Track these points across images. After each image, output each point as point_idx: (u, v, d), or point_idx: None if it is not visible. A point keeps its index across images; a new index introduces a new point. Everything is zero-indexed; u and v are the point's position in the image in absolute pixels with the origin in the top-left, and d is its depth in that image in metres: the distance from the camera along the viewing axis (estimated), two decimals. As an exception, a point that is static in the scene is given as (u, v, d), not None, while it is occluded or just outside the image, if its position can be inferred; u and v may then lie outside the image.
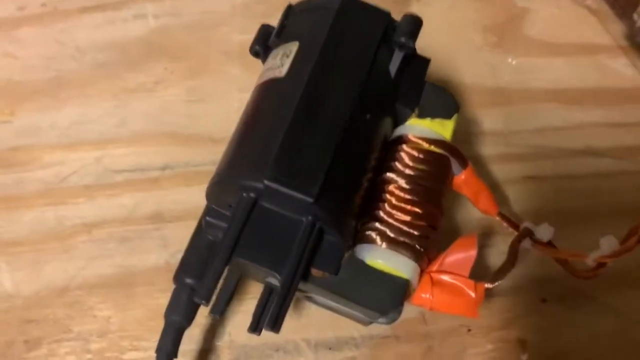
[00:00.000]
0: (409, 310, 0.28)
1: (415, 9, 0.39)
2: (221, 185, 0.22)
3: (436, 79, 0.27)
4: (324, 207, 0.21)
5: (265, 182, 0.20)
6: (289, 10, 0.26)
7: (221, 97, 0.35)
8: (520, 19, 0.39)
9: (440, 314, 0.28)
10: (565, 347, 0.28)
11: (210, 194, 0.23)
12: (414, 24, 0.24)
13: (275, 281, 0.21)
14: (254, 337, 0.28)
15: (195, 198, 0.30)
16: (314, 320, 0.28)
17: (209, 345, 0.27)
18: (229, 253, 0.21)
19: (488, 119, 0.35)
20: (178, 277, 0.24)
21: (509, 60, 0.38)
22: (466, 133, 0.35)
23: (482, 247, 0.30)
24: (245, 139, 0.23)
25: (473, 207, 0.28)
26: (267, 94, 0.24)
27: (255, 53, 0.26)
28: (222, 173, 0.22)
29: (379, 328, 0.27)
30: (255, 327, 0.21)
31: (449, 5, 0.39)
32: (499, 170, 0.33)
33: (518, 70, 0.37)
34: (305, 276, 0.22)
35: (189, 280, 0.24)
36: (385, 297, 0.22)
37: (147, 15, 0.38)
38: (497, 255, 0.30)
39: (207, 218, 0.23)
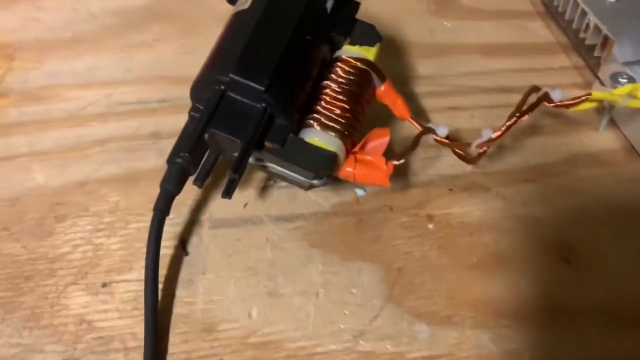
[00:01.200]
0: (346, 193, 0.36)
1: None
2: (200, 83, 0.31)
3: (385, 38, 0.35)
4: (273, 96, 0.30)
5: (231, 75, 0.29)
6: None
7: (208, 50, 0.43)
8: None
9: (369, 198, 0.37)
10: (463, 220, 0.36)
11: (193, 92, 0.31)
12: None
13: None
14: (228, 213, 0.36)
15: (185, 122, 0.38)
16: (275, 200, 0.36)
17: (194, 218, 0.35)
18: (204, 124, 0.29)
19: (422, 66, 0.44)
20: (169, 158, 0.33)
21: (445, 23, 0.47)
22: (403, 77, 0.43)
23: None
24: (218, 51, 0.32)
25: (399, 124, 0.37)
26: (235, 21, 0.32)
27: (231, 1, 0.35)
28: (200, 73, 0.31)
29: (322, 206, 0.36)
30: (226, 192, 0.30)
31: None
32: (427, 103, 0.40)
33: (451, 31, 0.46)
34: (260, 145, 0.30)
35: (178, 160, 0.32)
36: (317, 162, 0.31)
37: None
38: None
39: (191, 112, 0.32)
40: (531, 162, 0.37)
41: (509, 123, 0.32)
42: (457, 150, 0.34)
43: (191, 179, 0.30)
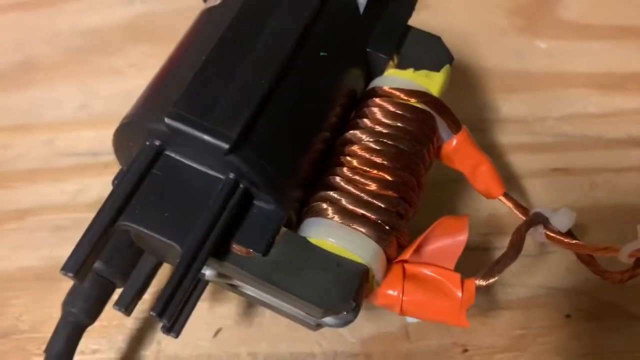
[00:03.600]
0: (387, 321, 0.23)
1: None
2: (125, 131, 0.17)
3: (454, 63, 0.23)
4: (249, 160, 0.16)
5: (166, 120, 0.15)
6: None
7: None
8: (553, 1, 0.36)
9: (427, 329, 0.22)
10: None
11: (118, 146, 0.18)
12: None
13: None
14: (186, 347, 0.23)
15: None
16: (267, 331, 0.22)
17: (134, 354, 0.22)
18: (112, 215, 0.15)
19: (508, 105, 0.32)
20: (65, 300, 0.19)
21: (538, 43, 0.34)
22: (479, 120, 0.31)
23: (488, 249, 0.24)
24: (162, 77, 0.18)
25: (478, 197, 0.22)
26: (195, 27, 0.19)
27: (205, -2, 0.22)
28: (127, 116, 0.17)
29: (345, 341, 0.21)
30: (159, 310, 0.15)
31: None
32: (520, 161, 0.29)
33: (548, 54, 0.34)
34: (220, 252, 0.16)
35: (72, 309, 0.18)
36: (332, 288, 0.16)
37: (134, 1, 0.37)
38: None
39: (114, 181, 0.18)
40: None
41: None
42: (589, 259, 0.18)
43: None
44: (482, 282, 0.18)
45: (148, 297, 0.23)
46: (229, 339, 0.22)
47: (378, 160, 0.18)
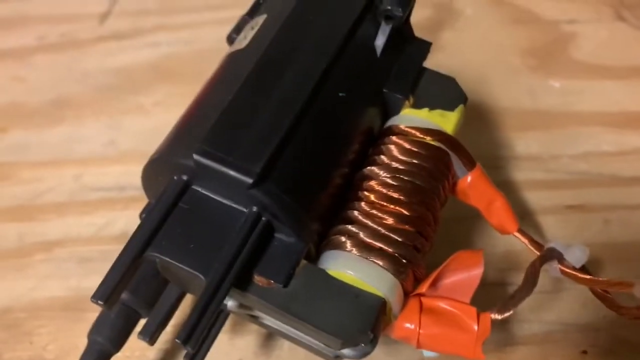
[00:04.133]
0: (404, 355, 0.23)
1: (449, 35, 0.36)
2: (154, 166, 0.18)
3: (469, 102, 0.24)
4: (271, 194, 0.16)
5: (195, 156, 0.16)
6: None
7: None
8: (565, 42, 0.36)
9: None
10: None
11: (146, 181, 0.19)
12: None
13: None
14: None
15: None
16: (286, 358, 0.22)
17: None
18: (140, 246, 0.16)
19: (522, 143, 0.32)
20: (90, 330, 0.20)
21: (551, 83, 0.35)
22: (495, 157, 0.31)
23: (505, 285, 0.24)
24: (190, 116, 0.19)
25: (494, 234, 0.22)
26: (222, 68, 0.20)
27: (230, 40, 0.23)
28: (156, 152, 0.18)
29: None
30: (184, 338, 0.16)
31: (484, 31, 0.36)
32: (534, 198, 0.29)
33: (561, 93, 0.34)
34: (243, 283, 0.17)
35: (99, 339, 0.19)
36: (350, 319, 0.17)
37: (160, 43, 0.38)
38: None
39: (141, 214, 0.19)
40: None
41: None
42: (605, 294, 0.19)
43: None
44: (498, 316, 0.18)
45: (170, 329, 0.24)
46: (249, 370, 0.23)
47: (395, 195, 0.19)
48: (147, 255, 0.16)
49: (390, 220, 0.18)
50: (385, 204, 0.19)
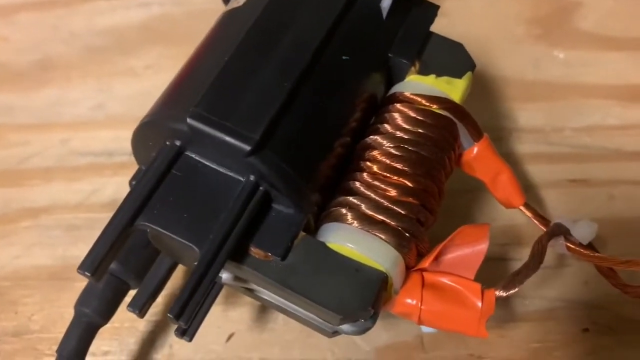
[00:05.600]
0: (402, 331, 0.22)
1: (453, 2, 0.34)
2: (145, 131, 0.17)
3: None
4: (270, 162, 0.16)
5: (189, 120, 0.15)
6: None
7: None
8: (570, 11, 0.35)
9: (442, 339, 0.22)
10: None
11: (136, 146, 0.18)
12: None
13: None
14: (198, 351, 0.22)
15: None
16: (279, 337, 0.22)
17: (145, 357, 0.22)
18: (130, 215, 0.15)
19: (525, 114, 0.31)
20: (77, 301, 0.19)
21: (556, 53, 0.33)
22: (498, 128, 0.30)
23: (506, 260, 0.23)
24: (184, 77, 0.18)
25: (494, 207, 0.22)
26: (218, 27, 0.19)
27: None
28: (147, 115, 0.17)
29: (359, 351, 0.21)
30: (176, 312, 0.15)
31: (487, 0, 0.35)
32: (537, 171, 0.28)
33: (566, 64, 0.33)
34: (239, 255, 0.16)
35: (85, 309, 0.18)
36: (350, 294, 0.16)
37: (151, 3, 0.36)
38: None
39: (131, 181, 0.18)
40: None
41: None
42: (610, 272, 0.18)
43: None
44: (503, 293, 0.17)
45: (160, 300, 0.23)
46: (241, 344, 0.22)
47: (399, 166, 0.18)
48: (137, 224, 0.15)
49: (393, 193, 0.17)
50: (388, 175, 0.18)
